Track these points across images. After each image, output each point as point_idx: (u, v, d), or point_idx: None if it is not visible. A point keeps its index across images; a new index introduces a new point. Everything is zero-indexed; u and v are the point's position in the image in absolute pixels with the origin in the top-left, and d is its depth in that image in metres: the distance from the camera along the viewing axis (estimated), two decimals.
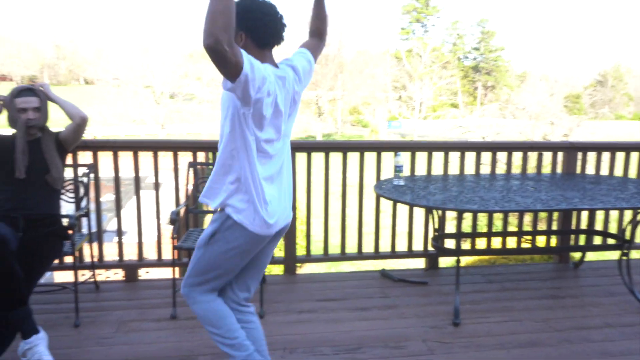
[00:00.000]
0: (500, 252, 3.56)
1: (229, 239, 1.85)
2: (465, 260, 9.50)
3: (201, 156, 3.58)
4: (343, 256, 3.80)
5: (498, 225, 9.91)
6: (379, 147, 3.76)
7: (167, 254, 3.74)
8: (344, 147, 3.71)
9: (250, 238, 1.84)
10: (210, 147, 3.52)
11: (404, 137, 37.88)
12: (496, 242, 6.82)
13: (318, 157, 3.64)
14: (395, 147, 3.69)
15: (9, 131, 2.69)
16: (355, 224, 3.80)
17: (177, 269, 3.13)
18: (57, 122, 2.74)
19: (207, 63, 38.78)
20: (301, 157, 3.57)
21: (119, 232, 3.53)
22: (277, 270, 4.24)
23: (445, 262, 4.77)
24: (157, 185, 3.50)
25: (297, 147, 3.47)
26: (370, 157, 3.74)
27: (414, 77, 39.02)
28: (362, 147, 3.73)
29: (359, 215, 3.75)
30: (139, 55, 34.66)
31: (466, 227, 4.70)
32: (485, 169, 4.32)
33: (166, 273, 8.30)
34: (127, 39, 39.07)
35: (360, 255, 3.80)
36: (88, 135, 3.04)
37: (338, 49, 39.59)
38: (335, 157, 3.73)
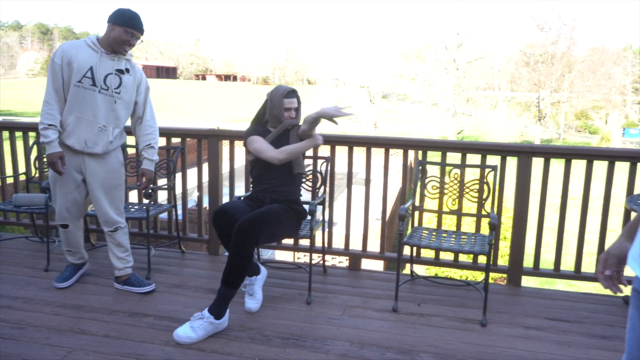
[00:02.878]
0: None
1: None
2: None
3: (410, 154, 3.59)
4: (578, 275, 3.44)
5: None
6: (613, 155, 3.28)
7: (375, 247, 3.86)
8: (569, 153, 3.33)
9: None
10: (421, 145, 3.53)
11: None
12: None
13: (537, 163, 3.36)
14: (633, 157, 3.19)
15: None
16: (575, 240, 3.43)
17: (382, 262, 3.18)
18: None
19: (421, 64, 39.01)
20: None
21: (330, 224, 3.78)
22: (504, 282, 4.02)
23: None
24: (367, 181, 3.65)
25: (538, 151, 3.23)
26: (600, 166, 3.31)
27: None
28: (590, 154, 3.31)
29: (580, 231, 3.34)
30: (357, 56, 36.46)
31: None
32: None
33: (373, 264, 8.61)
34: (348, 40, 41.32)
35: (578, 275, 3.45)
36: (214, 126, 3.32)
37: (567, 47, 35.87)
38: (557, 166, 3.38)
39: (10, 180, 5.89)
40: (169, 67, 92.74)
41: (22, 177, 4.21)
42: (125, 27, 2.85)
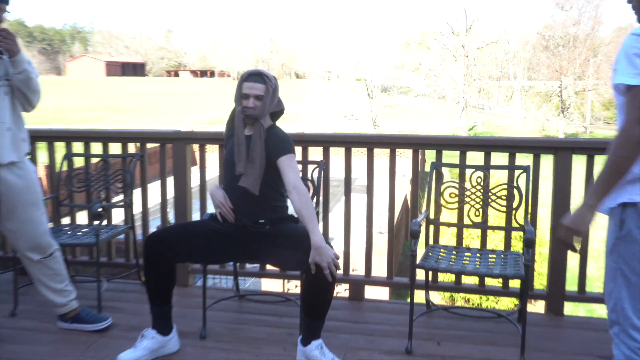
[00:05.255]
0: None
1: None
2: None
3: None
4: None
5: None
6: None
7: (380, 269, 3.71)
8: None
9: None
10: (435, 143, 3.42)
11: None
12: None
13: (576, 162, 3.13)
14: None
15: None
16: None
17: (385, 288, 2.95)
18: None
19: (425, 52, 39.11)
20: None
21: (346, 241, 3.51)
22: (535, 306, 3.79)
23: None
24: (370, 188, 3.51)
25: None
26: None
27: None
28: None
29: None
30: (352, 45, 36.46)
31: None
32: None
33: (379, 292, 8.38)
34: (341, 28, 41.34)
35: None
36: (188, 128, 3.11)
37: (592, 27, 36.03)
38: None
39: None
40: (136, 63, 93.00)
41: None
42: None
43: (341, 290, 8.72)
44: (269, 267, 3.60)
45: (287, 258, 2.60)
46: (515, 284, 3.28)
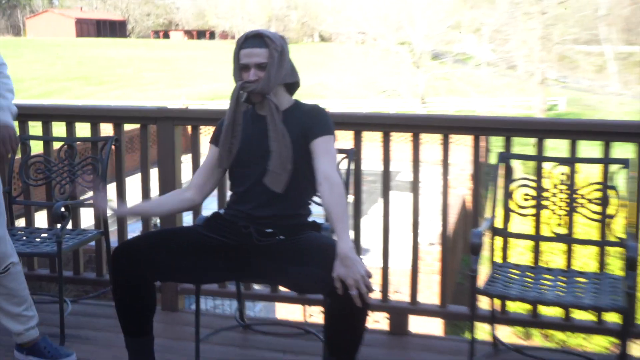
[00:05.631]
0: None
1: None
2: None
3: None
4: None
5: None
6: None
7: (429, 294, 3.68)
8: None
9: None
10: (503, 128, 3.44)
11: None
12: None
13: None
14: None
15: None
16: None
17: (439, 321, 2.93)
18: None
19: (489, 7, 38.84)
20: None
21: (384, 255, 3.50)
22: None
23: None
24: (416, 185, 3.54)
25: None
26: None
27: None
28: None
29: None
30: (392, 1, 36.36)
31: None
32: None
33: (428, 324, 8.34)
34: None
35: None
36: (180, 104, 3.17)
37: None
38: None
39: None
40: (114, 20, 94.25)
41: None
42: None
43: (378, 320, 8.71)
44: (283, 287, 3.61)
45: (306, 278, 2.56)
46: (612, 317, 3.27)
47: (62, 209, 3.24)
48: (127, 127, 3.93)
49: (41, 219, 3.87)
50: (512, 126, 3.43)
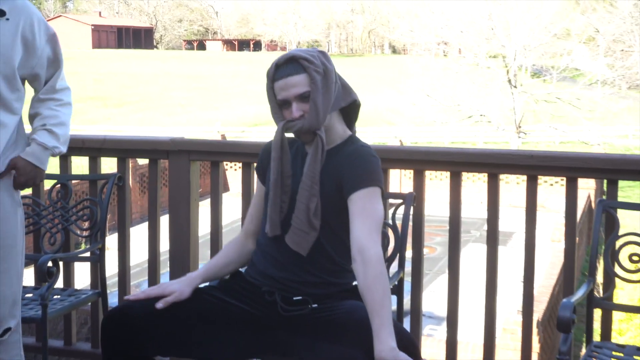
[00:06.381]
0: None
1: None
2: None
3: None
4: None
5: None
6: None
7: None
8: None
9: None
10: (608, 169, 3.35)
11: None
12: None
13: None
14: None
15: None
16: None
17: None
18: None
19: (604, 11, 38.40)
20: None
21: (451, 325, 3.44)
22: None
23: None
24: (493, 235, 3.53)
25: None
26: None
27: None
28: None
29: None
30: (482, 1, 36.18)
31: None
32: None
33: None
34: None
35: None
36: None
37: None
38: None
39: None
40: (139, 27, 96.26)
41: None
42: None
43: None
44: None
45: (336, 358, 2.53)
46: None
47: (50, 264, 3.26)
48: (139, 161, 3.97)
49: (26, 276, 3.94)
50: (616, 165, 3.32)
